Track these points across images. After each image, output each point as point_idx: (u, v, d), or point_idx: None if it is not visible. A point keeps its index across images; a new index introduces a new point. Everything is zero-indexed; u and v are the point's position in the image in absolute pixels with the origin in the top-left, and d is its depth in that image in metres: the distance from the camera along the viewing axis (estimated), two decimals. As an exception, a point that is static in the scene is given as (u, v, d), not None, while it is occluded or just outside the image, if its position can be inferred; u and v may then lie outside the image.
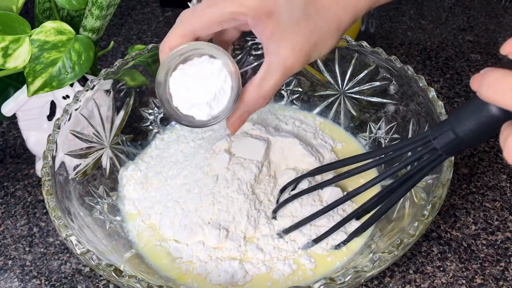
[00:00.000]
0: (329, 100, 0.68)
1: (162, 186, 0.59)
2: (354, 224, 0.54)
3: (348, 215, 0.50)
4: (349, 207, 0.56)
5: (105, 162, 0.61)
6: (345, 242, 0.53)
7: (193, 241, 0.54)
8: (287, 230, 0.53)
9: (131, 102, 0.64)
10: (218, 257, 0.53)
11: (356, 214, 0.50)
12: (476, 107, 0.36)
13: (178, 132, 0.68)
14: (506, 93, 0.32)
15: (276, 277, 0.51)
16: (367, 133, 0.65)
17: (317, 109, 0.69)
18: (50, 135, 0.54)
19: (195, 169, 0.58)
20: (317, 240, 0.53)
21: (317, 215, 0.51)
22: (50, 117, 0.63)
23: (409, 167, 0.45)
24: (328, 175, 0.56)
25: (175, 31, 0.46)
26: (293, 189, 0.56)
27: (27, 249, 0.61)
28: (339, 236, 0.53)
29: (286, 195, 0.56)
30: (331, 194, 0.56)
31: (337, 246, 0.53)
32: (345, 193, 0.56)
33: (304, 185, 0.56)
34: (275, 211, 0.55)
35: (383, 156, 0.46)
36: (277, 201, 0.56)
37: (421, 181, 0.52)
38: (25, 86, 0.58)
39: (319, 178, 0.57)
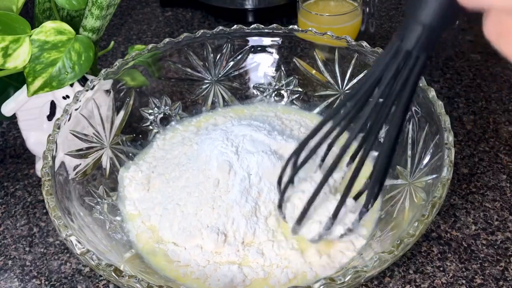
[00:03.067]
0: (329, 100, 0.68)
1: (163, 188, 0.59)
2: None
3: (350, 180, 0.44)
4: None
5: (105, 162, 0.61)
6: (366, 206, 0.47)
7: (191, 244, 0.54)
8: (298, 221, 0.49)
9: (131, 102, 0.64)
10: (216, 262, 0.52)
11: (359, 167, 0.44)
12: None
13: (183, 133, 0.67)
14: None
15: (273, 283, 0.51)
16: (367, 133, 0.65)
17: (317, 109, 0.69)
18: (50, 135, 0.54)
19: (197, 172, 0.57)
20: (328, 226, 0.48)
21: (317, 192, 0.46)
22: (50, 117, 0.63)
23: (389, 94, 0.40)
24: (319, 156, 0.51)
25: None
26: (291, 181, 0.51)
27: (27, 249, 0.61)
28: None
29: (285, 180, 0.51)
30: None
31: (361, 214, 0.48)
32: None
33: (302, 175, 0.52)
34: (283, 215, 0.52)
35: (359, 91, 0.40)
36: (282, 193, 0.51)
37: (421, 180, 0.52)
38: (25, 86, 0.58)
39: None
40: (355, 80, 0.65)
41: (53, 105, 0.63)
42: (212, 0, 0.95)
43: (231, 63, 0.69)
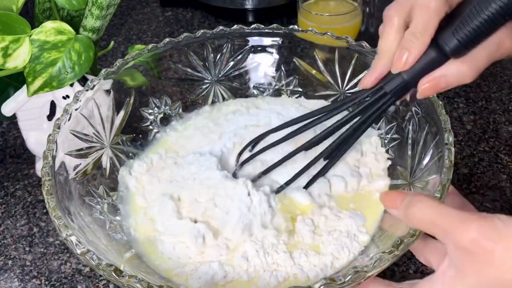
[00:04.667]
0: (329, 100, 0.68)
1: (168, 180, 0.59)
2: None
3: (314, 159, 0.54)
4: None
5: (105, 162, 0.61)
6: (308, 184, 0.56)
7: (176, 240, 0.53)
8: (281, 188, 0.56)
9: (131, 102, 0.64)
10: (198, 261, 0.52)
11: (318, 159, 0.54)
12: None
13: (203, 121, 0.67)
14: None
15: (262, 285, 0.50)
16: (367, 133, 0.65)
17: (317, 109, 0.69)
18: (50, 135, 0.54)
19: (207, 172, 0.58)
20: (289, 182, 0.55)
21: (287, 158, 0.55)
22: (50, 117, 0.63)
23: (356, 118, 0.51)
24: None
25: None
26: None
27: (27, 249, 0.61)
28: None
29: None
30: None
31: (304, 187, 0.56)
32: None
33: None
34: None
35: (342, 105, 0.51)
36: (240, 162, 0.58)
37: (422, 180, 0.53)
38: (25, 86, 0.58)
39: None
40: (355, 80, 0.65)
41: (53, 105, 0.63)
42: (212, 0, 0.95)
43: (231, 63, 0.69)
